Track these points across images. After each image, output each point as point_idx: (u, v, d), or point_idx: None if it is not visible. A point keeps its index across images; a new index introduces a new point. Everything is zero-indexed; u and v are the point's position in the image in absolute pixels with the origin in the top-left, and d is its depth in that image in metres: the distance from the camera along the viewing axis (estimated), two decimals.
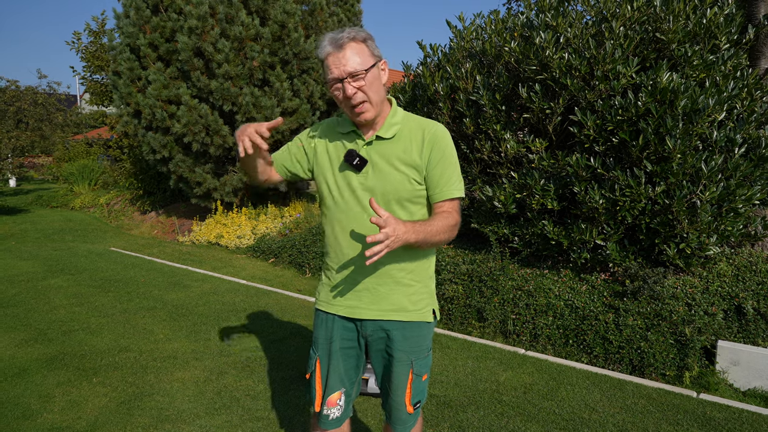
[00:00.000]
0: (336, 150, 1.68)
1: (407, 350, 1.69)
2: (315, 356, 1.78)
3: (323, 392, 1.76)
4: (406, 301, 1.68)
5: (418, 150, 1.62)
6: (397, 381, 1.71)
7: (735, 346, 3.36)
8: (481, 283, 4.34)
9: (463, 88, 4.52)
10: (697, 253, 3.75)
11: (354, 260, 1.66)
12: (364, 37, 1.55)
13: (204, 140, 7.53)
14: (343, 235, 1.66)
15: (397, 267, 1.65)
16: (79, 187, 13.22)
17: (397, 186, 1.61)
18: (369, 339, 1.73)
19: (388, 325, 1.69)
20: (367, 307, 1.68)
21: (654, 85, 3.61)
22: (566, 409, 2.94)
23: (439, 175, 1.63)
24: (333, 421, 1.77)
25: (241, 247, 7.42)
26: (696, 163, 3.52)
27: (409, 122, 1.67)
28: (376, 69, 1.56)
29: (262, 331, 4.09)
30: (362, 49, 1.53)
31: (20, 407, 2.86)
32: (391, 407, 1.76)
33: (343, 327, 1.73)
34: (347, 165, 1.64)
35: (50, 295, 5.00)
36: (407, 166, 1.62)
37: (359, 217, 1.63)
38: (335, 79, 1.52)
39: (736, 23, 3.82)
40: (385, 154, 1.63)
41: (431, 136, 1.63)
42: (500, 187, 4.32)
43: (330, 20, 8.04)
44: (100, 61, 12.29)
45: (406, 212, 1.64)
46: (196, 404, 2.92)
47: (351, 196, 1.64)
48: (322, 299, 1.76)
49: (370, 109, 1.57)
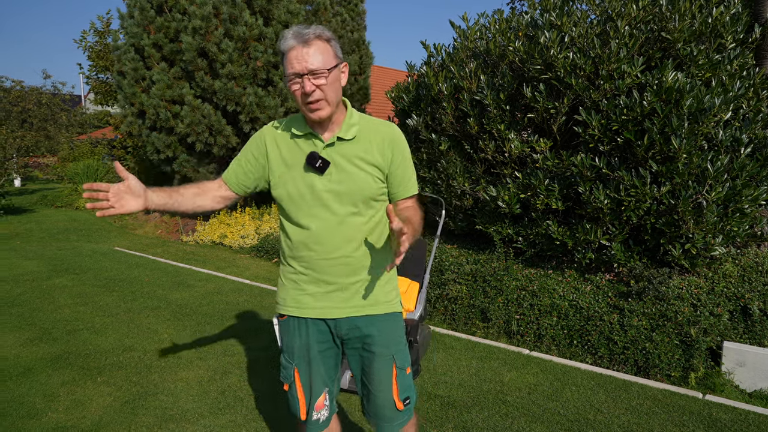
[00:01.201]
0: (291, 153, 1.66)
1: (386, 344, 1.70)
2: (291, 366, 1.75)
3: (308, 399, 1.75)
4: (379, 293, 1.71)
5: (379, 150, 1.65)
6: (380, 377, 1.70)
7: (741, 347, 3.35)
8: (485, 284, 4.33)
9: (467, 87, 4.51)
10: (702, 254, 3.73)
11: (323, 262, 1.65)
12: (329, 37, 1.56)
13: (207, 140, 7.54)
14: (311, 239, 1.64)
15: (366, 265, 1.67)
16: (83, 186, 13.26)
17: (363, 185, 1.63)
18: (344, 338, 1.72)
19: (362, 322, 1.69)
20: (340, 305, 1.68)
21: (659, 84, 3.59)
22: (571, 409, 2.93)
23: (402, 174, 1.69)
24: (323, 423, 1.77)
25: (244, 246, 7.43)
26: (702, 163, 3.50)
27: (365, 123, 1.68)
28: (337, 70, 1.57)
29: (266, 330, 4.09)
30: (326, 49, 1.54)
31: (25, 406, 2.86)
32: (376, 406, 1.73)
33: (317, 330, 1.71)
34: (309, 168, 1.62)
35: (55, 294, 5.02)
36: (370, 165, 1.64)
37: (326, 219, 1.63)
38: (295, 73, 1.51)
39: (742, 22, 3.80)
40: (347, 155, 1.63)
41: (391, 137, 1.67)
42: (504, 187, 4.31)
43: (334, 20, 8.05)
44: (105, 61, 12.33)
45: (372, 210, 1.67)
46: (200, 404, 2.92)
47: (316, 199, 1.63)
48: (290, 305, 1.72)
49: (325, 108, 1.55)
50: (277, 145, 1.68)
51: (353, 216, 1.64)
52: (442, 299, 4.48)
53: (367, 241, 1.67)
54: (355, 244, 1.65)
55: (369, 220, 1.67)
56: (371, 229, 1.68)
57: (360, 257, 1.66)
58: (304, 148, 1.64)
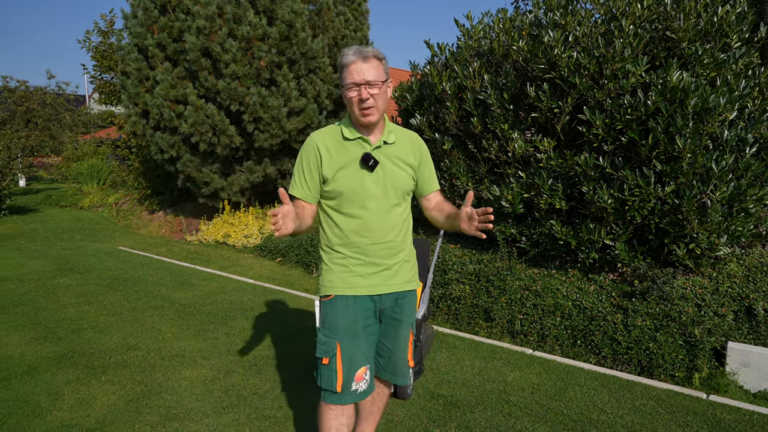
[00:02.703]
0: (341, 155, 1.91)
1: (410, 314, 2.08)
2: (333, 340, 1.93)
3: (346, 372, 1.94)
4: (412, 274, 2.07)
5: (412, 153, 2.00)
6: (402, 340, 2.07)
7: (745, 347, 3.33)
8: (488, 283, 4.33)
9: (471, 87, 4.51)
10: (707, 254, 3.72)
11: (373, 246, 1.93)
12: (383, 57, 1.88)
13: (211, 140, 7.55)
14: (363, 227, 1.91)
15: (403, 248, 2.02)
16: (87, 186, 13.31)
17: (403, 181, 1.96)
18: (384, 310, 2.02)
19: (400, 296, 2.03)
20: (386, 283, 1.98)
21: (664, 83, 3.58)
22: (574, 409, 2.92)
23: (429, 173, 2.08)
24: (360, 393, 1.98)
25: (248, 246, 7.44)
26: (706, 162, 3.49)
27: (398, 131, 2.02)
28: (386, 85, 1.88)
29: (269, 330, 4.10)
30: (380, 66, 1.85)
31: (30, 405, 2.88)
32: (396, 363, 2.08)
33: (364, 308, 1.96)
34: (363, 165, 1.89)
35: (59, 293, 5.04)
36: (406, 165, 1.98)
37: (375, 210, 1.91)
38: (354, 83, 1.80)
39: (748, 21, 3.78)
40: (389, 156, 1.94)
41: (418, 142, 2.05)
42: (508, 187, 4.30)
43: (337, 20, 8.04)
44: (109, 62, 12.36)
45: (406, 202, 2.01)
46: (204, 403, 2.93)
47: (367, 193, 1.90)
48: (341, 285, 1.95)
49: (375, 114, 1.85)
50: (328, 149, 1.92)
51: (395, 207, 1.95)
52: (445, 299, 4.47)
53: (403, 228, 2.00)
54: (397, 230, 1.97)
55: (404, 210, 2.01)
56: (405, 218, 2.02)
57: (400, 241, 1.99)
58: (354, 149, 1.91)
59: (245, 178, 7.98)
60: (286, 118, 7.56)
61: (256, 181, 7.99)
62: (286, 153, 8.21)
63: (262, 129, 7.53)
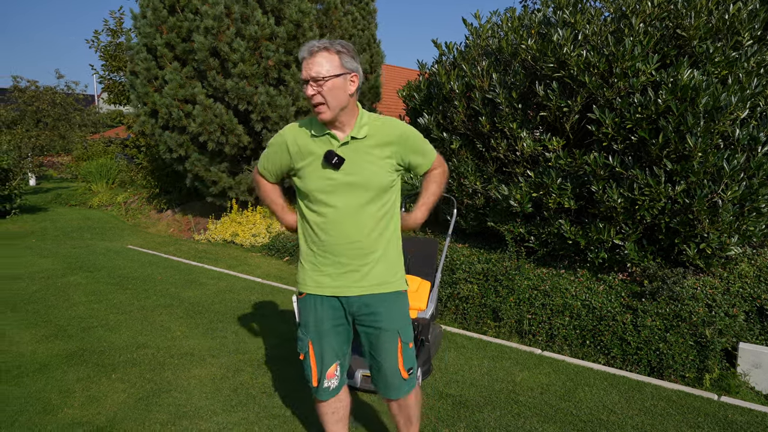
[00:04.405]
0: (310, 151, 1.87)
1: (392, 320, 1.92)
2: (306, 338, 1.98)
3: (320, 369, 1.98)
4: (388, 274, 1.92)
5: (389, 146, 1.87)
6: (386, 349, 1.93)
7: (757, 348, 3.30)
8: (496, 283, 4.31)
9: (479, 86, 4.49)
10: (717, 254, 3.68)
11: (339, 246, 1.86)
12: (339, 50, 1.76)
13: (219, 139, 7.58)
14: (331, 226, 1.86)
15: (377, 249, 1.89)
16: (97, 185, 13.40)
17: (375, 177, 1.84)
18: (355, 315, 1.94)
19: (371, 300, 1.90)
20: (353, 285, 1.89)
21: (674, 82, 3.55)
22: (584, 410, 2.91)
23: (418, 158, 1.94)
24: (332, 390, 2.02)
25: (256, 245, 7.46)
26: (717, 161, 3.46)
27: (375, 122, 1.89)
28: (341, 79, 1.76)
29: (278, 328, 4.11)
30: (332, 59, 1.75)
31: (41, 402, 2.90)
32: (385, 376, 1.96)
33: (331, 307, 1.93)
34: (326, 164, 1.83)
35: (69, 292, 5.08)
36: (381, 159, 1.85)
37: (342, 208, 1.84)
38: (303, 79, 1.76)
39: (760, 19, 3.74)
40: (360, 151, 1.84)
41: (399, 136, 1.88)
42: (516, 186, 4.28)
43: (344, 19, 8.04)
44: (119, 62, 12.43)
45: (382, 200, 1.88)
46: (213, 401, 2.94)
47: (334, 191, 1.84)
48: (309, 284, 1.93)
49: (326, 111, 1.77)
50: (301, 140, 1.88)
51: (366, 205, 1.85)
52: (453, 298, 4.46)
53: (376, 227, 1.88)
54: (367, 230, 1.86)
55: (380, 209, 1.88)
56: (381, 217, 1.88)
57: (371, 242, 1.87)
58: (321, 146, 1.85)
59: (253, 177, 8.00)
60: (294, 117, 7.58)
61: None
62: None
63: (270, 128, 7.55)
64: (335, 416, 2.09)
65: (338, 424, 2.11)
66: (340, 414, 2.10)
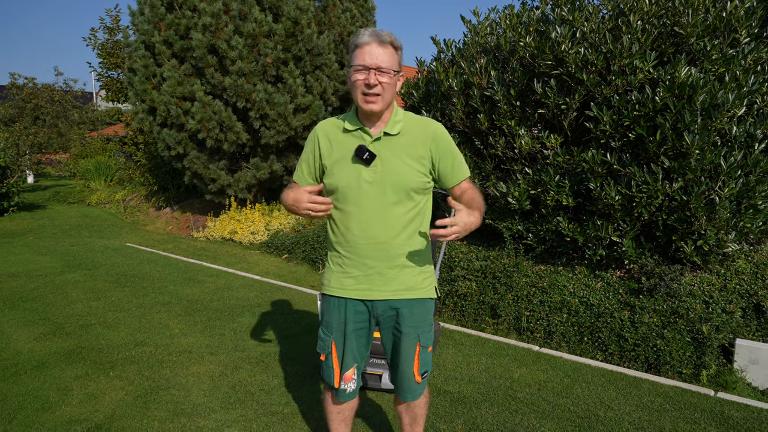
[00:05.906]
0: (341, 146, 1.81)
1: (414, 325, 1.87)
2: (329, 338, 1.93)
3: (340, 370, 1.94)
4: (415, 281, 1.86)
5: (423, 145, 1.79)
6: (405, 354, 1.89)
7: (754, 344, 3.31)
8: (494, 280, 4.32)
9: (478, 83, 4.49)
10: (715, 251, 3.69)
11: (365, 246, 1.80)
12: (400, 47, 1.75)
13: (218, 137, 7.58)
14: (357, 225, 1.79)
15: (405, 252, 1.82)
16: (95, 183, 13.39)
17: (406, 177, 1.76)
18: (380, 318, 1.89)
19: (398, 304, 1.85)
20: (379, 288, 1.83)
21: (672, 79, 3.56)
22: (581, 406, 2.92)
23: (450, 164, 1.83)
24: (350, 393, 1.98)
25: (254, 243, 7.46)
26: (715, 159, 3.47)
27: (410, 120, 1.83)
28: (397, 77, 1.75)
29: (276, 326, 4.12)
30: (395, 55, 1.72)
31: (39, 400, 2.90)
32: (402, 378, 1.94)
33: (355, 310, 1.87)
34: (357, 159, 1.76)
35: (68, 289, 5.08)
36: (413, 159, 1.78)
37: (369, 207, 1.77)
38: (364, 66, 1.67)
39: (757, 16, 3.74)
40: (392, 149, 1.78)
41: (432, 133, 1.81)
42: (514, 183, 4.29)
43: (343, 16, 8.03)
44: (116, 59, 12.40)
45: (413, 202, 1.80)
46: (212, 398, 2.95)
47: (362, 189, 1.77)
48: (334, 285, 1.89)
49: (379, 102, 1.71)
50: (331, 137, 1.84)
51: (394, 206, 1.77)
52: (451, 295, 4.47)
53: (405, 230, 1.80)
54: (394, 232, 1.79)
55: (409, 210, 1.80)
56: (410, 219, 1.81)
57: (399, 245, 1.80)
58: (352, 141, 1.79)
59: (252, 174, 8.01)
60: (292, 115, 7.57)
61: (262, 177, 8.01)
62: (293, 149, 8.22)
63: (269, 125, 7.54)
64: (340, 416, 2.08)
65: (342, 424, 2.10)
66: (345, 414, 2.09)
